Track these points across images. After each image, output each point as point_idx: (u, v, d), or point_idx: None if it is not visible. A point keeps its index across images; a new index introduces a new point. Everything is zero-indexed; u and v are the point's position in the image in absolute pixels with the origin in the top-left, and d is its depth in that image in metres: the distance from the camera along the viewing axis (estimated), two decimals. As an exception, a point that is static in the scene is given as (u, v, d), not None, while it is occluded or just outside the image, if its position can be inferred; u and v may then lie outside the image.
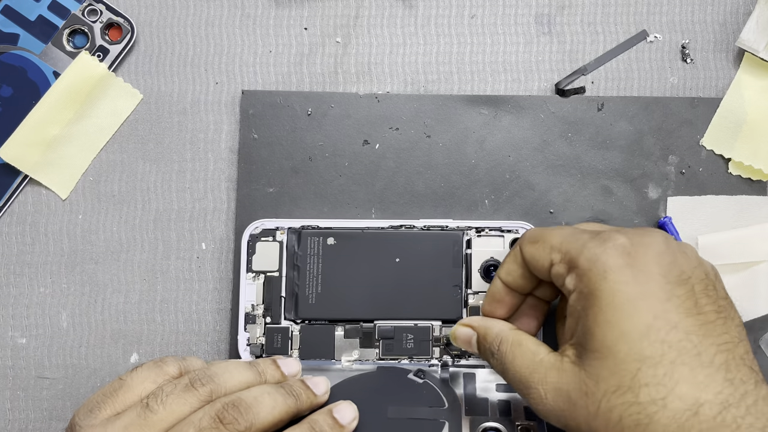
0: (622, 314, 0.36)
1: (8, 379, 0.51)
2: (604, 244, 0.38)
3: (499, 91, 0.54)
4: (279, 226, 0.50)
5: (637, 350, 0.35)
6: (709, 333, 0.36)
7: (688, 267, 0.38)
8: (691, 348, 0.35)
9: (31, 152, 0.51)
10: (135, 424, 0.39)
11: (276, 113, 0.52)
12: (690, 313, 0.36)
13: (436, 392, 0.47)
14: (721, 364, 0.35)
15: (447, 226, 0.50)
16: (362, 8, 0.54)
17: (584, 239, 0.39)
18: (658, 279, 0.37)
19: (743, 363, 0.36)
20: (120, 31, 0.53)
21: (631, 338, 0.36)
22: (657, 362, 0.35)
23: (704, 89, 0.54)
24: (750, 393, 0.34)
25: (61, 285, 0.52)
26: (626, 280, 0.37)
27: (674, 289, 0.37)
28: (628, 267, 0.37)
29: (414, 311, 0.50)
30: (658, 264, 0.37)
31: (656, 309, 0.36)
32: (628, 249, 0.38)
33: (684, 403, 0.34)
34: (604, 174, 0.52)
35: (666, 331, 0.35)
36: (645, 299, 0.36)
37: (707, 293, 0.37)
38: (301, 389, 0.44)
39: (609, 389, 0.36)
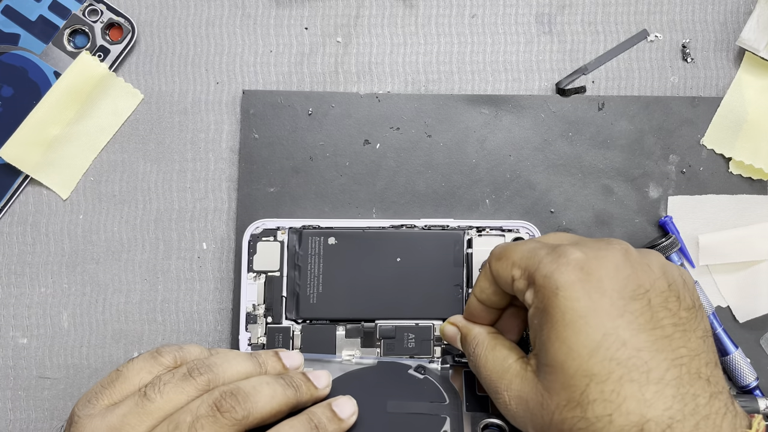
0: (572, 331, 0.36)
1: (9, 379, 0.51)
2: (558, 260, 0.38)
3: (499, 91, 0.54)
4: (280, 226, 0.50)
5: (585, 367, 0.36)
6: (663, 348, 0.36)
7: (648, 280, 0.37)
8: (641, 365, 0.35)
9: (32, 152, 0.51)
10: (133, 412, 0.39)
11: (277, 113, 0.52)
12: (643, 329, 0.36)
13: (436, 388, 0.47)
14: (672, 379, 0.35)
15: (448, 225, 0.50)
16: (363, 8, 0.54)
17: (541, 255, 0.39)
18: (611, 294, 0.37)
19: (698, 377, 0.35)
20: (120, 31, 0.53)
21: (579, 355, 0.36)
22: (604, 379, 0.35)
23: (705, 88, 0.54)
24: (701, 408, 0.34)
25: (62, 285, 0.52)
26: (577, 297, 0.37)
27: (628, 304, 0.36)
28: (580, 283, 0.37)
29: (415, 311, 0.50)
30: (612, 279, 0.37)
31: (606, 326, 0.36)
32: (582, 264, 0.38)
33: (630, 419, 0.34)
34: (604, 173, 0.52)
35: (615, 348, 0.35)
36: (595, 316, 0.36)
37: (666, 306, 0.37)
38: (301, 381, 0.44)
39: (560, 403, 0.36)
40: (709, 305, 0.50)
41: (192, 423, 0.38)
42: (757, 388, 0.50)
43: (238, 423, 0.39)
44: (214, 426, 0.38)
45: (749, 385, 0.50)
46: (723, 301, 0.52)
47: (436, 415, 0.46)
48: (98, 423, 0.39)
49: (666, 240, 0.50)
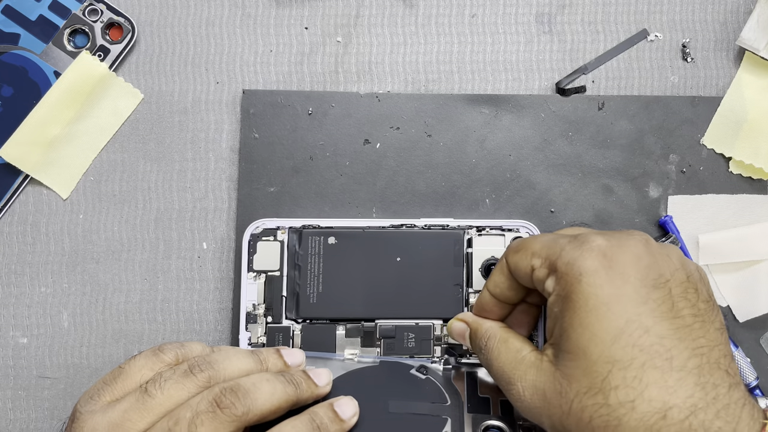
0: (595, 317, 0.36)
1: (9, 379, 0.51)
2: (581, 247, 0.38)
3: (499, 91, 0.54)
4: (280, 226, 0.50)
5: (608, 353, 0.36)
6: (685, 337, 0.36)
7: (668, 270, 0.38)
8: (663, 352, 0.35)
9: (32, 152, 0.51)
10: (134, 408, 0.39)
11: (277, 113, 0.52)
12: (665, 317, 0.36)
13: (438, 388, 0.47)
14: (694, 368, 0.35)
15: (448, 225, 0.50)
16: (363, 8, 0.54)
17: (563, 243, 0.40)
18: (634, 282, 0.37)
19: (718, 367, 0.36)
20: (121, 31, 0.53)
21: (602, 341, 0.36)
22: (627, 365, 0.35)
23: (705, 88, 0.54)
24: (721, 397, 0.35)
25: (62, 285, 0.52)
26: (601, 283, 0.37)
27: (650, 292, 0.37)
28: (603, 270, 0.37)
29: (415, 310, 0.50)
30: (635, 267, 0.37)
31: (629, 312, 0.36)
32: (605, 251, 0.38)
33: (652, 406, 0.35)
34: (604, 173, 0.52)
35: (638, 335, 0.36)
36: (619, 302, 0.36)
37: (686, 296, 0.37)
38: (301, 378, 0.44)
39: (581, 390, 0.36)
40: (709, 305, 0.50)
41: (192, 419, 0.38)
42: (758, 387, 0.50)
43: (237, 419, 0.39)
44: (213, 422, 0.38)
45: (749, 385, 0.50)
46: (723, 301, 0.52)
47: (437, 416, 0.46)
48: (99, 419, 0.39)
49: (666, 240, 0.50)
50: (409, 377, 0.48)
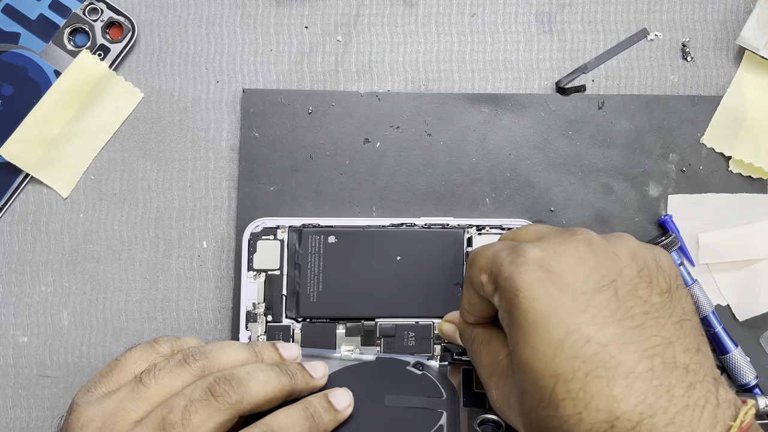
0: (535, 332, 0.35)
1: (10, 378, 0.51)
2: (517, 261, 0.37)
3: (499, 90, 0.54)
4: (280, 225, 0.50)
5: (551, 367, 0.35)
6: (633, 339, 0.35)
7: (614, 269, 0.36)
8: (608, 359, 0.34)
9: (32, 151, 0.51)
10: (128, 398, 0.40)
11: (277, 112, 0.53)
12: (609, 322, 0.35)
13: (434, 383, 0.48)
14: (644, 371, 0.34)
15: (448, 224, 0.50)
16: (363, 7, 0.54)
17: (502, 258, 0.38)
18: (573, 290, 0.36)
19: (674, 366, 0.34)
20: (121, 30, 0.53)
21: (544, 355, 0.35)
22: (570, 378, 0.34)
23: (705, 87, 0.54)
24: (677, 399, 0.33)
25: (62, 283, 0.52)
26: (537, 297, 0.36)
27: (591, 298, 0.35)
28: (539, 282, 0.36)
29: (415, 309, 0.50)
30: (573, 273, 0.36)
31: (569, 323, 0.35)
32: (541, 262, 0.37)
33: (599, 417, 0.33)
34: (604, 172, 0.52)
35: (579, 346, 0.34)
36: (557, 314, 0.35)
37: (636, 293, 0.36)
38: (296, 369, 0.44)
39: (534, 403, 0.36)
40: (709, 304, 0.50)
41: (186, 407, 0.39)
42: (757, 386, 0.50)
43: (231, 407, 0.39)
44: (207, 410, 0.39)
45: (749, 384, 0.50)
46: (723, 300, 0.52)
47: (432, 409, 0.46)
48: (95, 409, 0.40)
49: (666, 239, 0.50)
50: (405, 373, 0.48)
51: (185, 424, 0.38)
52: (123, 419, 0.39)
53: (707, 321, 0.50)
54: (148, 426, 0.39)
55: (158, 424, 0.39)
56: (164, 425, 0.38)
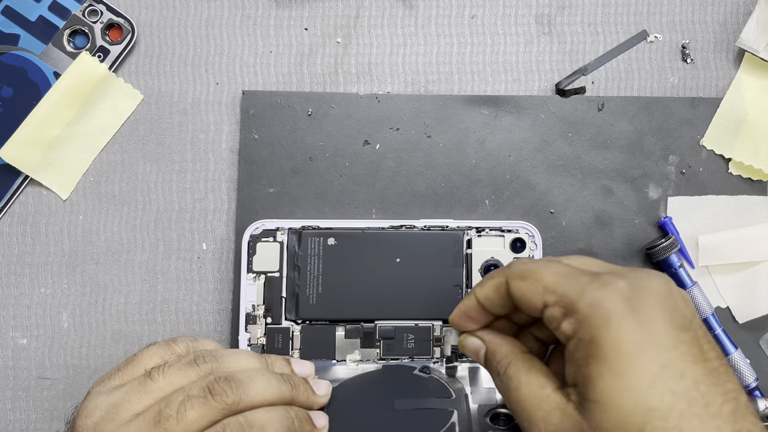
0: (627, 364, 0.34)
1: (9, 380, 0.51)
2: (605, 288, 0.36)
3: (499, 92, 0.54)
4: (279, 227, 0.50)
5: (643, 402, 0.33)
6: (715, 381, 0.34)
7: (689, 312, 0.36)
8: (699, 398, 0.33)
9: (32, 153, 0.51)
10: (135, 390, 0.41)
11: (276, 113, 0.52)
12: (696, 360, 0.34)
13: (442, 385, 0.48)
14: (729, 414, 0.33)
15: (447, 226, 0.50)
16: (362, 8, 0.54)
17: (583, 282, 0.37)
18: (663, 325, 0.35)
19: (748, 411, 0.34)
20: (120, 32, 0.53)
21: (637, 389, 0.34)
22: (666, 415, 0.33)
23: (704, 89, 0.54)
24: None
25: (61, 285, 0.52)
26: (630, 327, 0.34)
27: (680, 335, 0.35)
28: (631, 313, 0.35)
29: (415, 311, 0.50)
30: (662, 309, 0.35)
31: (663, 357, 0.34)
32: (629, 294, 0.35)
33: None
34: (604, 174, 0.52)
35: (674, 381, 0.33)
36: (651, 347, 0.34)
37: (708, 339, 0.35)
38: (300, 381, 0.44)
39: None
40: (709, 306, 0.50)
41: (182, 401, 0.39)
42: (757, 388, 0.50)
43: (227, 407, 0.40)
44: (203, 407, 0.39)
45: (749, 386, 0.50)
46: (722, 302, 0.52)
47: (443, 409, 0.46)
48: (103, 399, 0.41)
49: (666, 241, 0.50)
50: (412, 378, 0.48)
51: (179, 419, 0.39)
52: (125, 410, 0.40)
53: (707, 323, 0.50)
54: (146, 418, 0.39)
55: (154, 416, 0.39)
56: (160, 418, 0.39)
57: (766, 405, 0.48)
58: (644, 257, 0.52)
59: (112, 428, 0.39)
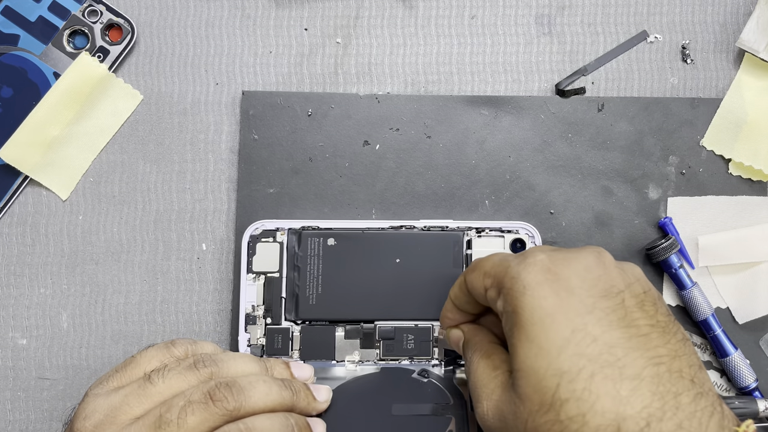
0: (540, 329, 0.35)
1: (9, 380, 0.51)
2: (524, 261, 0.38)
3: (499, 92, 0.54)
4: (279, 227, 0.50)
5: (555, 365, 0.34)
6: (639, 346, 0.34)
7: (622, 281, 0.37)
8: (614, 361, 0.34)
9: (32, 153, 0.51)
10: (134, 393, 0.41)
11: (276, 114, 0.52)
12: (616, 326, 0.35)
13: (440, 390, 0.48)
14: (652, 377, 0.33)
15: (447, 226, 0.50)
16: (362, 9, 0.54)
17: (509, 260, 0.39)
18: (580, 293, 0.36)
19: (680, 376, 0.34)
20: (120, 32, 0.53)
21: (548, 353, 0.35)
22: (575, 377, 0.34)
23: (704, 90, 0.54)
24: (685, 406, 0.33)
25: (61, 286, 0.52)
26: (544, 295, 0.36)
27: (598, 302, 0.36)
28: (547, 282, 0.36)
29: (414, 312, 0.50)
30: (581, 278, 0.36)
31: (575, 322, 0.35)
32: (548, 265, 0.37)
33: (605, 418, 0.33)
34: (604, 174, 0.52)
35: (586, 344, 0.34)
36: (563, 313, 0.35)
37: (642, 308, 0.36)
38: (300, 387, 0.44)
39: (533, 408, 0.35)
40: (709, 306, 0.50)
41: (183, 407, 0.39)
42: (757, 389, 0.50)
43: (228, 414, 0.40)
44: (204, 413, 0.39)
45: (749, 387, 0.50)
46: (722, 303, 0.52)
47: (440, 415, 0.46)
48: (102, 401, 0.41)
49: (666, 241, 0.50)
50: (410, 381, 0.48)
51: (180, 424, 0.39)
52: (124, 413, 0.40)
53: (707, 324, 0.50)
54: (146, 422, 0.39)
55: (155, 421, 0.39)
56: (160, 423, 0.39)
57: (766, 406, 0.48)
58: (644, 258, 0.52)
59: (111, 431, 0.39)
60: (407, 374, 0.49)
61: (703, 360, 0.51)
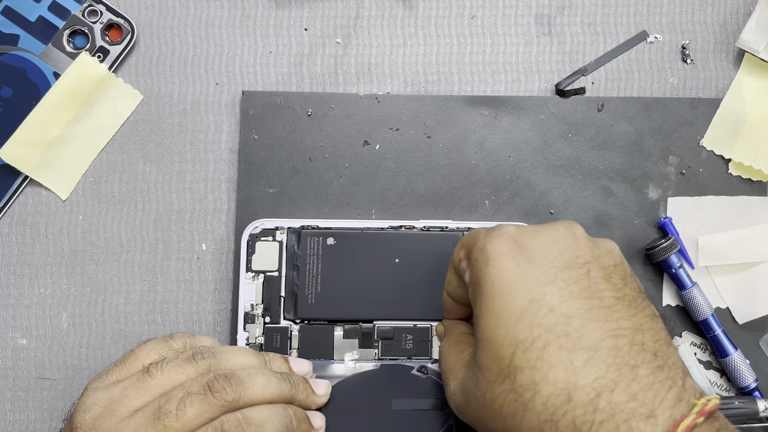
0: (500, 299, 0.36)
1: (9, 380, 0.51)
2: (492, 233, 0.38)
3: (499, 92, 0.54)
4: (279, 226, 0.50)
5: (512, 334, 0.35)
6: (600, 317, 0.34)
7: (590, 253, 0.36)
8: (571, 331, 0.34)
9: (32, 153, 0.51)
10: (133, 386, 0.41)
11: (276, 114, 0.52)
12: (576, 297, 0.35)
13: (439, 385, 0.48)
14: (610, 348, 0.33)
15: (447, 227, 0.50)
16: (362, 9, 0.54)
17: (480, 233, 0.39)
18: (542, 263, 0.36)
19: (642, 348, 0.34)
20: (120, 32, 0.53)
21: (506, 323, 0.35)
22: (529, 346, 0.34)
23: (704, 90, 0.54)
24: (642, 378, 0.33)
25: (61, 286, 0.52)
26: (506, 266, 0.36)
27: (561, 272, 0.35)
28: (510, 253, 0.36)
29: (413, 312, 0.50)
30: (546, 249, 0.36)
31: (534, 292, 0.35)
32: (515, 236, 0.37)
33: (557, 387, 0.33)
34: (604, 174, 0.52)
35: (542, 315, 0.34)
36: (522, 283, 0.35)
37: (609, 279, 0.36)
38: (299, 380, 0.44)
39: (491, 378, 0.35)
40: (709, 306, 0.50)
41: (182, 398, 0.39)
42: (757, 389, 0.50)
43: (227, 405, 0.40)
44: (202, 404, 0.39)
45: (748, 387, 0.50)
46: (722, 303, 0.52)
47: (440, 410, 0.46)
48: (101, 395, 0.41)
49: (665, 241, 0.50)
50: (410, 377, 0.48)
51: (179, 415, 0.39)
52: (124, 406, 0.40)
53: (707, 324, 0.50)
54: (145, 414, 0.39)
55: (154, 412, 0.39)
56: (159, 414, 0.39)
57: (765, 406, 0.48)
58: (644, 258, 0.52)
59: (110, 423, 0.40)
60: (407, 371, 0.49)
61: (703, 360, 0.51)
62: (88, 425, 0.40)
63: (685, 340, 0.51)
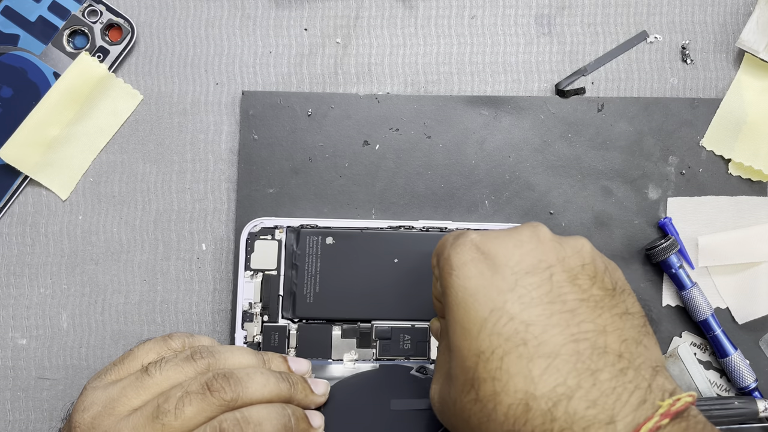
0: (464, 310, 0.35)
1: (9, 380, 0.51)
2: (456, 242, 0.38)
3: (499, 92, 0.54)
4: (278, 225, 0.50)
5: (475, 345, 0.34)
6: (560, 322, 0.34)
7: (554, 256, 0.36)
8: (530, 339, 0.33)
9: (32, 153, 0.52)
10: (132, 385, 0.41)
11: (276, 114, 0.53)
12: (536, 303, 0.34)
13: None
14: (570, 354, 0.33)
15: (446, 227, 0.50)
16: (362, 9, 0.54)
17: (448, 241, 0.39)
18: (504, 270, 0.35)
19: (604, 351, 0.33)
20: (120, 32, 0.53)
21: (470, 333, 0.35)
22: (489, 356, 0.34)
23: (704, 90, 0.54)
24: (603, 383, 0.32)
25: (61, 286, 0.52)
26: (469, 276, 0.36)
27: (521, 278, 0.35)
28: (473, 262, 0.36)
29: (412, 312, 0.50)
30: (508, 255, 0.36)
31: (495, 301, 0.35)
32: (478, 244, 0.37)
33: (516, 397, 0.33)
34: (604, 175, 0.52)
35: (502, 324, 0.34)
36: (484, 292, 0.35)
37: (574, 282, 0.35)
38: (298, 380, 0.44)
39: (459, 389, 0.35)
40: (708, 307, 0.50)
41: (181, 397, 0.40)
42: (756, 389, 0.50)
43: (225, 404, 0.40)
44: (201, 403, 0.39)
45: (748, 387, 0.50)
46: (722, 303, 0.52)
47: None
48: (100, 394, 0.41)
49: (665, 241, 0.50)
50: (409, 378, 0.48)
51: (177, 414, 0.39)
52: (123, 405, 0.40)
53: (707, 324, 0.50)
54: (144, 412, 0.40)
55: (152, 411, 0.39)
56: (158, 413, 0.39)
57: (765, 406, 0.48)
58: (644, 258, 0.52)
59: (109, 423, 0.40)
60: (406, 371, 0.49)
61: (703, 360, 0.51)
62: (86, 424, 0.40)
63: (684, 340, 0.51)
